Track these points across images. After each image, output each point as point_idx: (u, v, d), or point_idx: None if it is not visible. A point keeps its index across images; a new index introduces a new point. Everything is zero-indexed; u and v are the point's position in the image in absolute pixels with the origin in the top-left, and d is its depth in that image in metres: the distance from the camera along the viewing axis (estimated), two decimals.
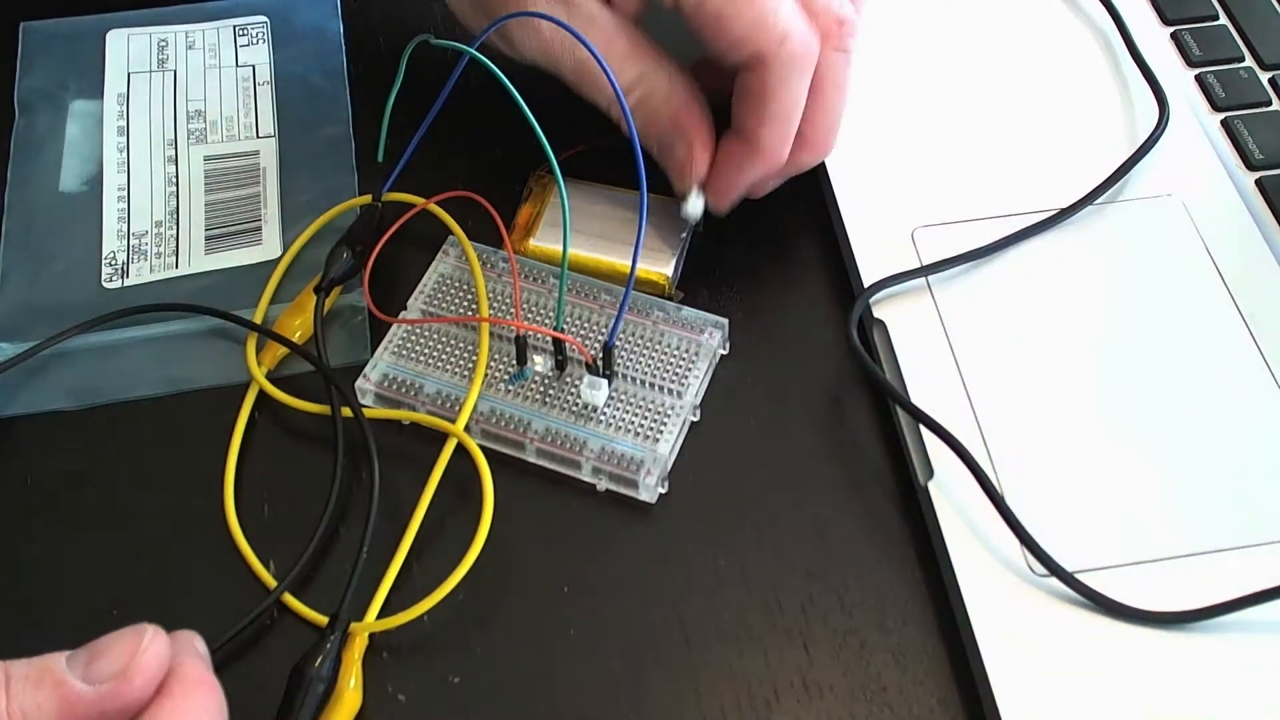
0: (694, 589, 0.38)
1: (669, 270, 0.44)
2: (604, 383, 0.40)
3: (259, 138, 0.49)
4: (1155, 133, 0.46)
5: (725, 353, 0.43)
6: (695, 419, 0.41)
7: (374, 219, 0.44)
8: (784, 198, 0.46)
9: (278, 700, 0.35)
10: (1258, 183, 0.46)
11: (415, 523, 0.39)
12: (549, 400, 0.41)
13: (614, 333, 0.41)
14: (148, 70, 0.51)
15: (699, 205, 0.44)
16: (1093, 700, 0.35)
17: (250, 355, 0.43)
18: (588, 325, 0.43)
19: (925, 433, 0.39)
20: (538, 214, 0.46)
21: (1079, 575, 0.36)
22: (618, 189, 0.46)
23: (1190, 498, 0.38)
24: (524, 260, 0.44)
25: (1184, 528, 0.38)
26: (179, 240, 0.46)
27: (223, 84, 0.51)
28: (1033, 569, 0.37)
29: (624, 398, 0.41)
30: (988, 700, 0.35)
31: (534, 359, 0.42)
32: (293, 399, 0.42)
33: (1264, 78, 0.49)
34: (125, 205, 0.47)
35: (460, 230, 0.45)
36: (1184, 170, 0.46)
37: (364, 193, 0.47)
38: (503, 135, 0.49)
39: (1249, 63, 0.50)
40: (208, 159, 0.49)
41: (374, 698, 0.36)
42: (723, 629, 0.38)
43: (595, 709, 0.36)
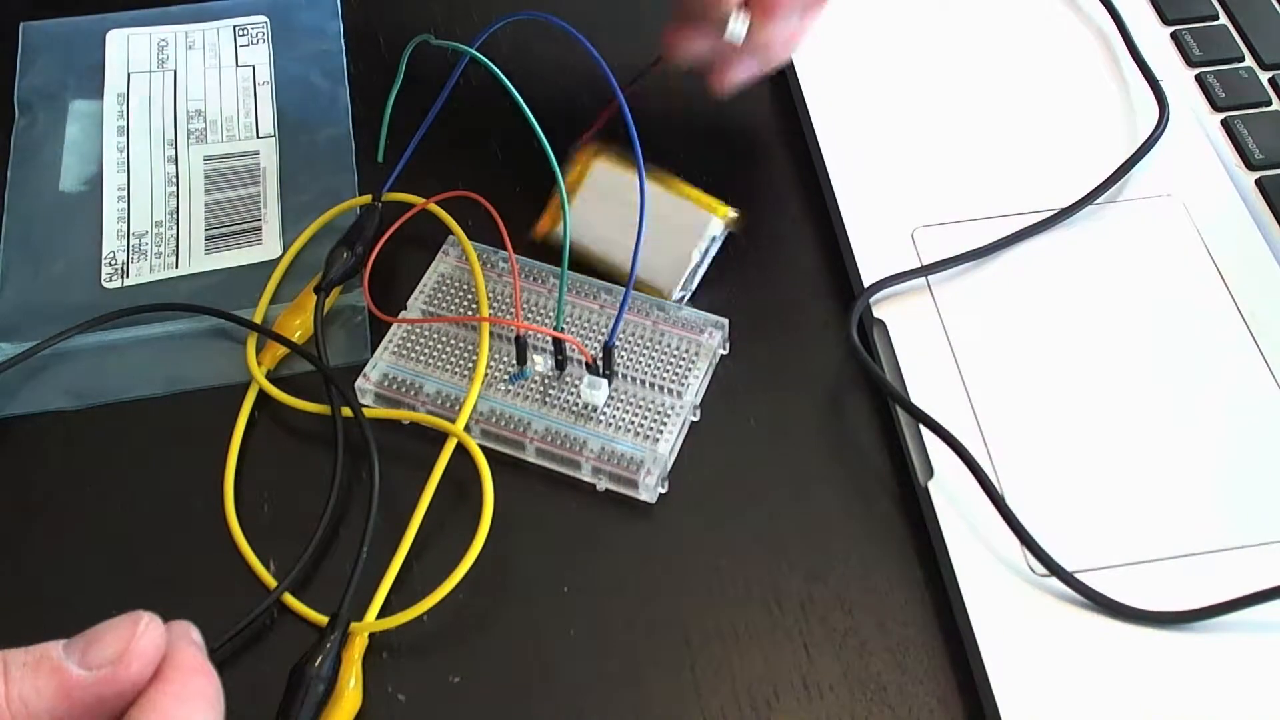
0: (694, 589, 0.38)
1: (677, 288, 0.43)
2: (604, 383, 0.40)
3: (259, 138, 0.49)
4: (1155, 133, 0.46)
5: (725, 353, 0.43)
6: (695, 419, 0.41)
7: (374, 219, 0.44)
8: (784, 198, 0.46)
9: (278, 700, 0.35)
10: (1258, 183, 0.46)
11: (415, 523, 0.39)
12: (549, 400, 0.41)
13: (614, 333, 0.41)
14: (148, 70, 0.51)
15: (742, 26, 0.40)
16: (1092, 700, 0.35)
17: (250, 355, 0.43)
18: (588, 325, 0.43)
19: (925, 433, 0.39)
20: (577, 183, 0.44)
21: (1079, 575, 0.36)
22: (652, 170, 0.43)
23: (1190, 498, 0.38)
24: (524, 260, 0.44)
25: (1184, 528, 0.38)
26: (179, 240, 0.46)
27: (223, 84, 0.51)
28: (1033, 569, 0.37)
29: (624, 398, 0.41)
30: (988, 700, 0.35)
31: (534, 359, 0.42)
32: (293, 399, 0.42)
33: (1264, 78, 0.49)
34: (125, 205, 0.47)
35: (460, 230, 0.45)
36: (1184, 170, 0.46)
37: (364, 193, 0.47)
38: (503, 135, 0.49)
39: (1249, 63, 0.50)
40: (208, 159, 0.49)
41: (374, 698, 0.36)
42: (723, 629, 0.38)
43: (595, 709, 0.36)
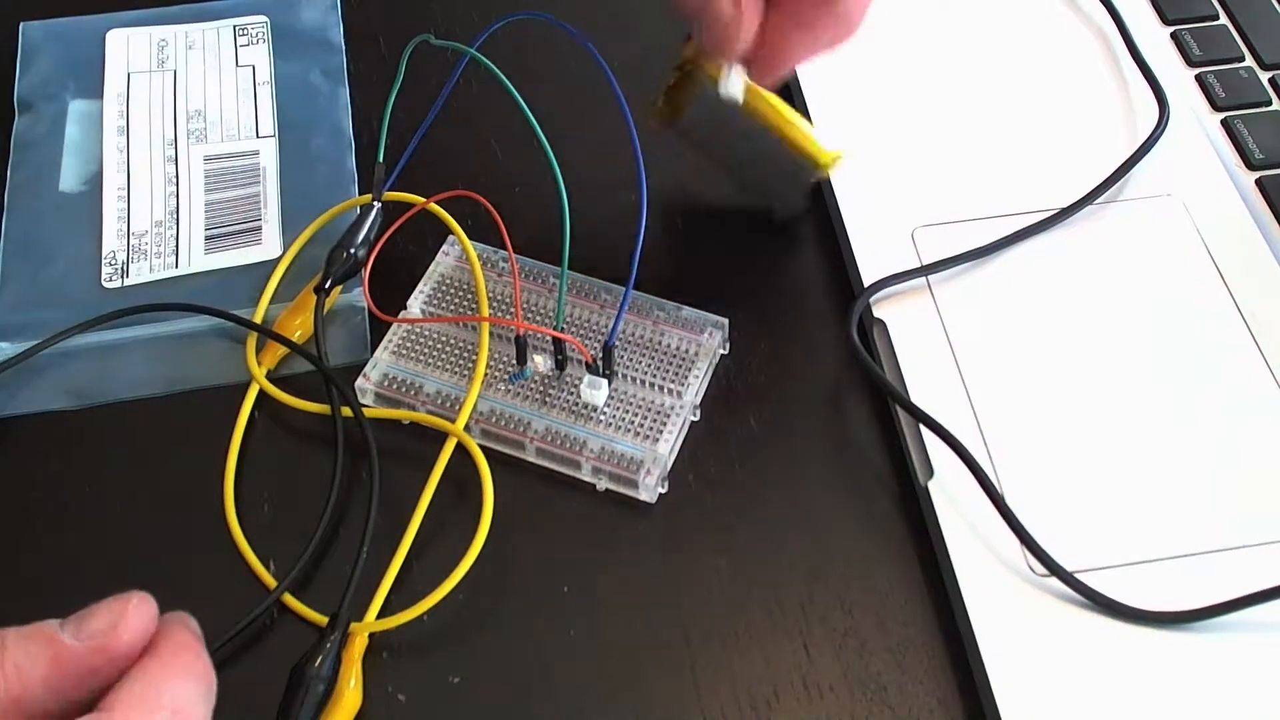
0: (694, 589, 0.38)
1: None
2: (604, 383, 0.40)
3: (259, 138, 0.49)
4: (1155, 133, 0.46)
5: (725, 353, 0.43)
6: (695, 419, 0.41)
7: (374, 219, 0.44)
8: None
9: (278, 700, 0.35)
10: (1258, 183, 0.46)
11: (415, 523, 0.39)
12: (549, 400, 0.41)
13: (614, 333, 0.41)
14: (148, 70, 0.51)
15: (738, 83, 0.38)
16: (1092, 700, 0.35)
17: (250, 355, 0.43)
18: (588, 325, 0.43)
19: (925, 433, 0.39)
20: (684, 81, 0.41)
21: (1079, 575, 0.36)
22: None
23: (1190, 498, 0.38)
24: (524, 260, 0.44)
25: (1184, 528, 0.38)
26: (179, 240, 0.46)
27: (223, 84, 0.51)
28: (1033, 569, 0.37)
29: (624, 398, 0.41)
30: (988, 700, 0.35)
31: (534, 359, 0.42)
32: (293, 399, 0.42)
33: (1264, 78, 0.49)
34: (125, 205, 0.47)
35: (460, 230, 0.45)
36: (1184, 170, 0.46)
37: (364, 192, 0.47)
38: (503, 135, 0.49)
39: (1249, 62, 0.50)
40: (208, 159, 0.49)
41: (374, 698, 0.36)
42: (723, 629, 0.38)
43: (595, 709, 0.36)
